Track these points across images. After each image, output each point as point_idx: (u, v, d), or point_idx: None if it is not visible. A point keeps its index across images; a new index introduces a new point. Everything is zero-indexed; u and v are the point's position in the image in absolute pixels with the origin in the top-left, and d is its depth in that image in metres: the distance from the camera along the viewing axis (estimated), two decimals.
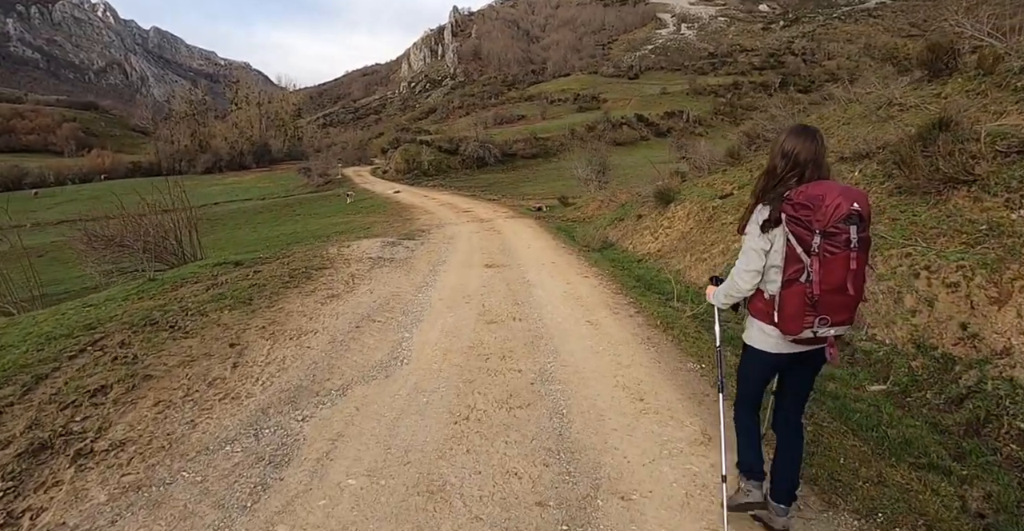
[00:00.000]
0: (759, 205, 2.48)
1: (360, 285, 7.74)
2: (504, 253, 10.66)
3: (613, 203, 18.41)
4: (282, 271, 8.68)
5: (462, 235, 13.94)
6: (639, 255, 11.22)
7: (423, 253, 10.88)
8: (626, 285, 7.54)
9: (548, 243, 12.38)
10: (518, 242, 12.48)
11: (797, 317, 2.33)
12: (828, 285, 2.25)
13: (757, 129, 13.76)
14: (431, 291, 7.36)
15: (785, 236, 2.34)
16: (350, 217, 23.01)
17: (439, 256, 10.46)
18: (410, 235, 14.06)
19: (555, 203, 23.64)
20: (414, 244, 12.24)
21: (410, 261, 9.87)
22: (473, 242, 12.56)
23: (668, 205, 12.70)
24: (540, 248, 11.50)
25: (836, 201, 2.21)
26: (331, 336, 5.40)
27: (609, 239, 13.69)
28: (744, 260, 2.49)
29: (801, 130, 2.47)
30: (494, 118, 65.34)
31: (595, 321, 5.84)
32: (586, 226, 17.07)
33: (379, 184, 38.30)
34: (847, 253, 2.23)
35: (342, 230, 18.70)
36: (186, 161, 67.09)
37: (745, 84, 74.76)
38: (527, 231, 14.73)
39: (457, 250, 11.24)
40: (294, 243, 16.48)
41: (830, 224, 2.21)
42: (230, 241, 20.96)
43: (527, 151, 46.28)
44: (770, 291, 2.45)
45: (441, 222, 18.06)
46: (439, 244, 12.23)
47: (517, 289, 7.37)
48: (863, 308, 4.65)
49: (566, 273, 8.56)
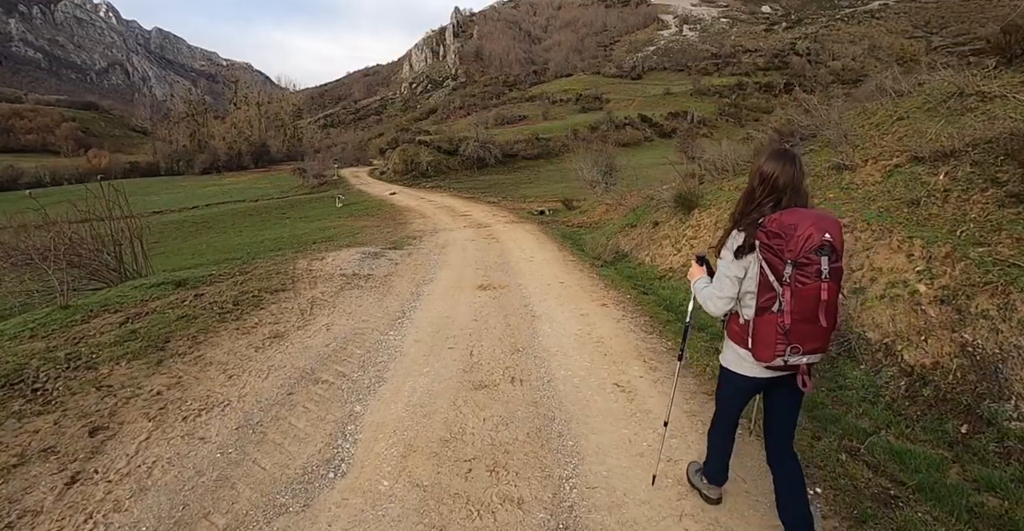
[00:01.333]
0: (734, 231, 2.40)
1: (317, 317, 5.99)
2: (503, 268, 8.92)
3: (622, 207, 16.63)
4: (228, 295, 6.95)
5: (456, 244, 12.21)
6: (660, 270, 9.47)
7: (408, 268, 9.14)
8: (658, 318, 5.78)
9: (553, 254, 10.63)
10: (519, 253, 10.73)
11: (769, 345, 2.26)
12: (799, 315, 2.18)
13: (790, 126, 11.97)
14: (407, 327, 5.61)
15: (759, 264, 2.27)
16: (340, 221, 21.41)
17: (426, 273, 8.71)
18: (398, 244, 12.34)
19: (558, 206, 21.91)
20: (400, 255, 10.50)
21: (390, 280, 8.12)
22: (468, 253, 10.82)
23: (691, 212, 10.95)
24: (544, 261, 9.75)
25: (808, 231, 2.13)
26: (245, 413, 3.64)
27: (622, 249, 11.95)
28: (717, 286, 2.44)
29: (781, 154, 2.34)
30: (495, 118, 63.55)
31: (627, 384, 4.09)
32: (594, 233, 15.36)
33: (376, 185, 36.63)
34: (818, 284, 2.13)
35: (329, 235, 17.14)
36: (184, 161, 66.04)
37: (750, 85, 73.00)
38: (529, 239, 12.99)
39: (448, 264, 9.50)
40: (275, 250, 14.97)
41: (801, 254, 2.13)
42: (210, 247, 19.31)
43: (529, 152, 44.54)
44: (745, 316, 2.38)
45: (435, 228, 16.37)
46: (428, 256, 10.50)
47: (517, 324, 5.62)
48: None
49: (578, 298, 6.81)
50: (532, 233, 14.25)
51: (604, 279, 8.09)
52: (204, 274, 8.48)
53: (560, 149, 47.31)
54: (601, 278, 8.17)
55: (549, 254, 10.65)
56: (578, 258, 10.30)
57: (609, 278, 8.17)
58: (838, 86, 76.88)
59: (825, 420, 4.10)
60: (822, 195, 7.78)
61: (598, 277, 8.27)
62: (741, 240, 2.33)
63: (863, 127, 9.56)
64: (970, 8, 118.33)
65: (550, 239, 13.08)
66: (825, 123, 10.43)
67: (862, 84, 73.39)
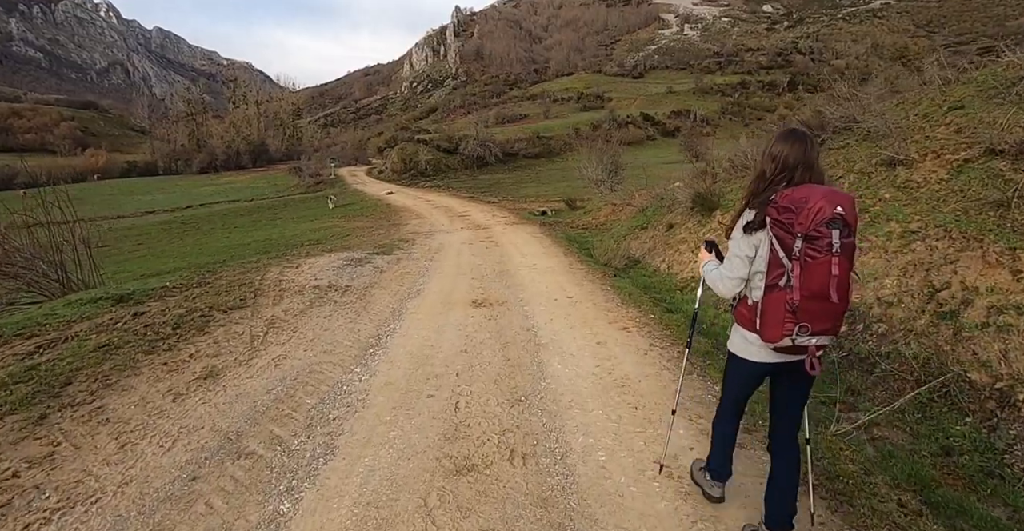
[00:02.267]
0: (745, 210, 2.34)
1: (269, 347, 4.77)
2: (501, 279, 7.70)
3: (630, 208, 15.41)
4: (173, 314, 5.74)
5: (451, 248, 10.99)
6: (681, 280, 8.25)
7: (393, 277, 7.93)
8: (696, 350, 4.55)
9: (558, 261, 9.40)
10: (520, 259, 9.51)
11: (777, 324, 2.17)
12: (809, 291, 2.09)
13: (820, 118, 10.71)
14: (379, 361, 4.39)
15: (770, 240, 2.19)
16: (333, 222, 20.25)
17: (413, 283, 7.50)
18: (388, 247, 11.13)
19: (561, 206, 20.69)
20: (387, 262, 9.28)
21: (370, 293, 6.90)
22: (463, 259, 9.60)
23: (712, 213, 9.75)
24: (548, 269, 8.53)
25: (819, 204, 2.06)
26: (115, 519, 2.44)
27: (633, 254, 10.74)
28: (727, 266, 2.38)
29: (788, 134, 2.34)
30: (496, 117, 62.29)
31: (674, 462, 2.87)
32: (601, 235, 14.16)
33: (373, 185, 35.41)
34: (829, 258, 2.05)
35: (318, 237, 16.01)
36: (183, 161, 65.06)
37: (752, 83, 71.71)
38: (531, 242, 11.77)
39: (440, 272, 8.29)
40: (261, 252, 13.89)
41: (812, 227, 2.06)
42: (194, 249, 18.18)
43: (529, 150, 43.30)
44: (754, 297, 2.31)
45: (431, 229, 15.17)
46: (419, 262, 9.29)
47: (519, 358, 4.39)
48: None
49: (591, 318, 5.59)
50: (534, 236, 13.03)
51: (619, 292, 6.86)
52: (155, 287, 7.27)
53: (562, 148, 46.09)
54: (616, 291, 6.94)
55: (553, 260, 9.42)
56: (587, 265, 9.07)
57: (624, 291, 6.94)
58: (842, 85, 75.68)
59: (948, 508, 2.88)
60: (873, 195, 6.55)
61: (612, 290, 7.04)
62: (752, 216, 2.27)
63: (908, 118, 8.28)
64: (971, 7, 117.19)
65: (554, 242, 11.86)
66: (862, 113, 9.16)
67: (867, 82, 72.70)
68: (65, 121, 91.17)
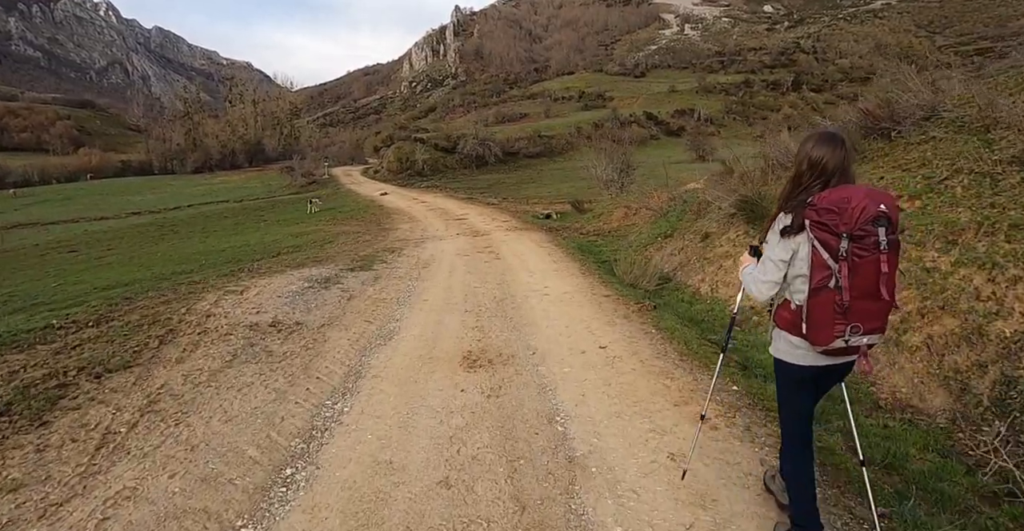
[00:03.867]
0: (781, 214, 2.24)
1: (119, 463, 2.78)
2: (504, 311, 5.72)
3: (647, 212, 13.39)
4: (21, 381, 3.76)
5: (443, 262, 9.01)
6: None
7: (362, 308, 5.95)
8: (840, 467, 2.57)
9: (575, 282, 7.40)
10: (527, 279, 7.53)
11: (827, 326, 2.08)
12: (859, 290, 2.03)
13: (888, 108, 8.67)
14: (291, 508, 2.42)
15: (810, 243, 2.10)
16: (318, 226, 18.32)
17: (385, 319, 5.51)
18: (368, 260, 9.15)
19: (567, 209, 18.70)
20: (361, 282, 7.29)
21: (323, 337, 4.91)
22: (456, 279, 7.60)
23: (761, 222, 7.71)
24: (566, 296, 6.53)
25: (862, 203, 1.99)
26: None
27: (662, 270, 8.77)
28: (761, 269, 2.29)
29: (829, 137, 2.22)
30: (495, 116, 60.19)
31: None
32: (617, 244, 12.17)
33: (368, 185, 33.44)
34: (877, 255, 2.00)
35: (298, 244, 14.08)
36: (178, 160, 63.23)
37: (756, 82, 69.70)
38: (538, 254, 9.77)
39: (424, 301, 6.30)
40: (232, 261, 12.16)
41: (857, 227, 1.99)
42: (164, 256, 16.20)
43: (530, 150, 41.25)
44: (797, 301, 2.20)
45: (423, 235, 13.22)
46: (400, 283, 7.30)
47: (540, 503, 2.42)
48: None
49: (646, 395, 3.61)
50: (540, 245, 11.04)
51: (670, 338, 4.84)
52: (38, 325, 5.27)
53: (563, 147, 44.11)
54: (664, 336, 4.92)
55: (569, 281, 7.42)
56: (612, 288, 7.05)
57: (676, 336, 4.91)
58: (847, 84, 73.75)
59: None
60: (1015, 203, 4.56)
61: (657, 333, 5.02)
62: (788, 221, 2.17)
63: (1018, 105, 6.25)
64: (972, 7, 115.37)
65: (565, 254, 9.85)
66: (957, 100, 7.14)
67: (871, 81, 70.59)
68: (61, 120, 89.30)
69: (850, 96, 61.94)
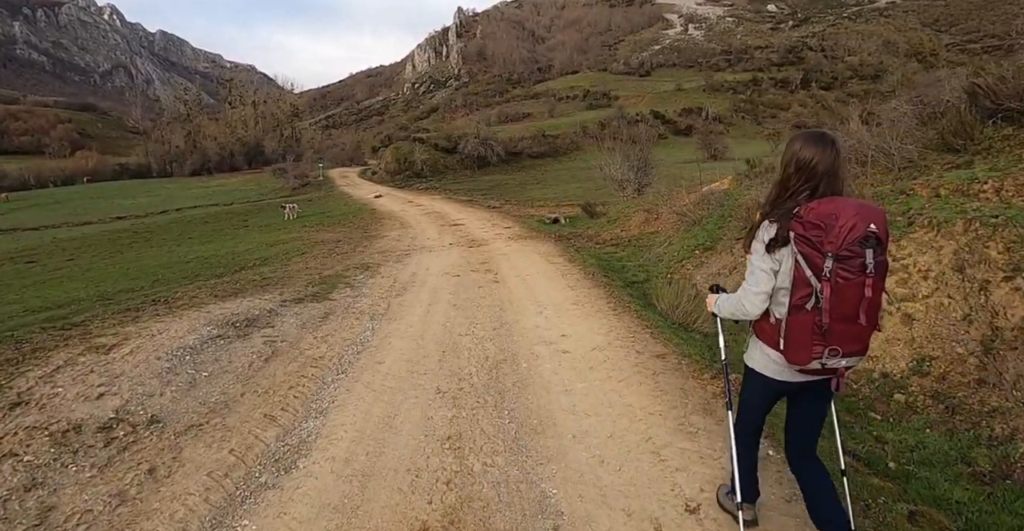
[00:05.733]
0: (765, 221, 2.04)
1: None
2: (499, 398, 3.61)
3: (673, 217, 11.19)
4: None
5: (424, 288, 6.89)
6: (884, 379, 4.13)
7: (273, 386, 3.86)
8: None
9: (606, 326, 5.25)
10: (536, 319, 5.41)
11: (804, 347, 1.91)
12: (839, 313, 1.84)
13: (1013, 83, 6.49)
14: None
15: (793, 257, 1.91)
16: (298, 232, 16.40)
17: (299, 414, 3.42)
18: (329, 284, 7.06)
19: (576, 213, 16.56)
20: (299, 326, 5.19)
21: (169, 461, 2.83)
22: (433, 321, 5.48)
23: None
24: (597, 357, 4.40)
25: (851, 221, 1.81)
26: None
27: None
28: (752, 280, 2.04)
29: (818, 137, 1.99)
30: (498, 116, 58.05)
31: None
32: (641, 255, 10.06)
33: (363, 187, 31.43)
34: (862, 279, 1.81)
35: (267, 255, 12.14)
36: (176, 163, 61.46)
37: (764, 80, 67.41)
38: (548, 275, 7.64)
39: (374, 371, 4.19)
40: (191, 276, 10.21)
41: (844, 247, 1.81)
42: (123, 268, 14.43)
43: (534, 150, 39.11)
44: (777, 314, 2.02)
45: (410, 246, 11.16)
46: (357, 324, 5.20)
47: None
48: None
49: None
50: (551, 260, 8.91)
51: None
52: None
53: (568, 147, 42.00)
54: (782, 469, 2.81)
55: (597, 324, 5.27)
56: (662, 339, 4.86)
57: None
58: (857, 81, 71.33)
59: None
60: None
61: (779, 452, 2.92)
62: (773, 232, 1.97)
63: None
64: (978, 5, 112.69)
65: (583, 273, 7.71)
66: None
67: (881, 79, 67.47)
68: (62, 123, 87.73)
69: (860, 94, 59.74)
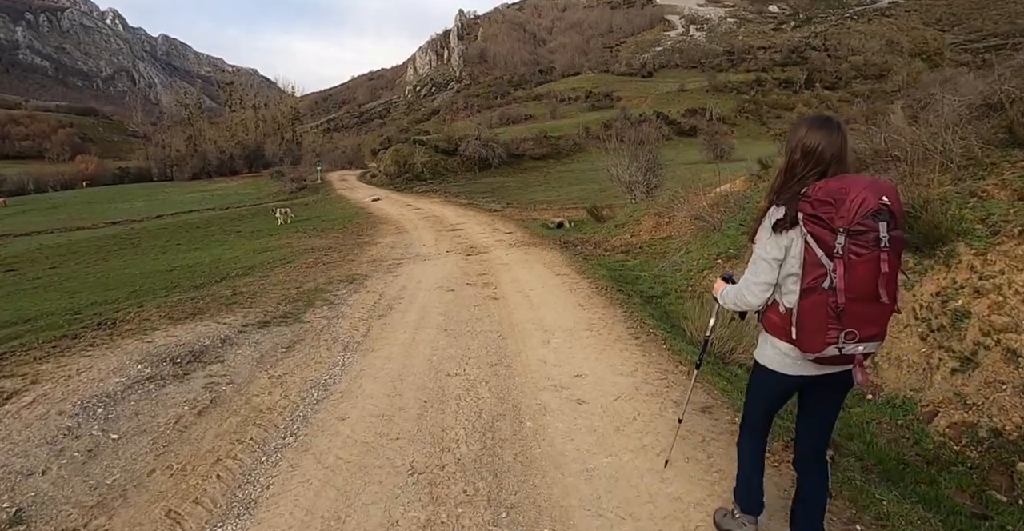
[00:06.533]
0: (772, 207, 1.94)
1: None
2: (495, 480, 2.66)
3: (689, 220, 10.15)
4: None
5: (412, 307, 5.91)
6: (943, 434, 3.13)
7: (195, 459, 2.91)
8: None
9: (629, 362, 4.27)
10: (543, 351, 4.43)
11: (818, 331, 1.81)
12: (855, 292, 1.74)
13: None
14: None
15: (803, 238, 1.82)
16: (289, 238, 15.53)
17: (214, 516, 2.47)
18: (303, 303, 6.09)
19: (581, 216, 15.60)
20: (254, 360, 4.24)
21: None
22: (418, 355, 4.51)
23: (937, 249, 4.64)
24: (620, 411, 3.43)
25: (861, 195, 1.72)
26: None
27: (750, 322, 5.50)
28: (753, 270, 1.97)
29: (823, 121, 1.92)
30: (500, 118, 57.05)
31: None
32: (655, 263, 9.10)
33: (361, 190, 30.50)
34: (877, 253, 1.72)
35: (250, 264, 11.30)
36: (177, 167, 60.78)
37: (768, 80, 66.37)
38: (555, 291, 6.64)
39: (332, 434, 3.24)
40: (169, 288, 9.42)
41: (856, 221, 1.72)
42: (104, 277, 13.67)
43: (536, 151, 38.15)
44: (787, 303, 1.91)
45: (403, 254, 10.21)
46: (322, 362, 4.24)
47: None
48: None
49: None
50: (557, 271, 7.92)
51: None
52: None
53: (571, 148, 41.05)
54: None
55: (617, 358, 4.28)
56: (705, 383, 3.87)
57: None
58: (861, 81, 70.19)
59: None
60: None
61: None
62: (781, 213, 1.88)
63: None
64: (981, 5, 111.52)
65: (594, 288, 6.71)
66: None
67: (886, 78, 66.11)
68: (63, 128, 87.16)
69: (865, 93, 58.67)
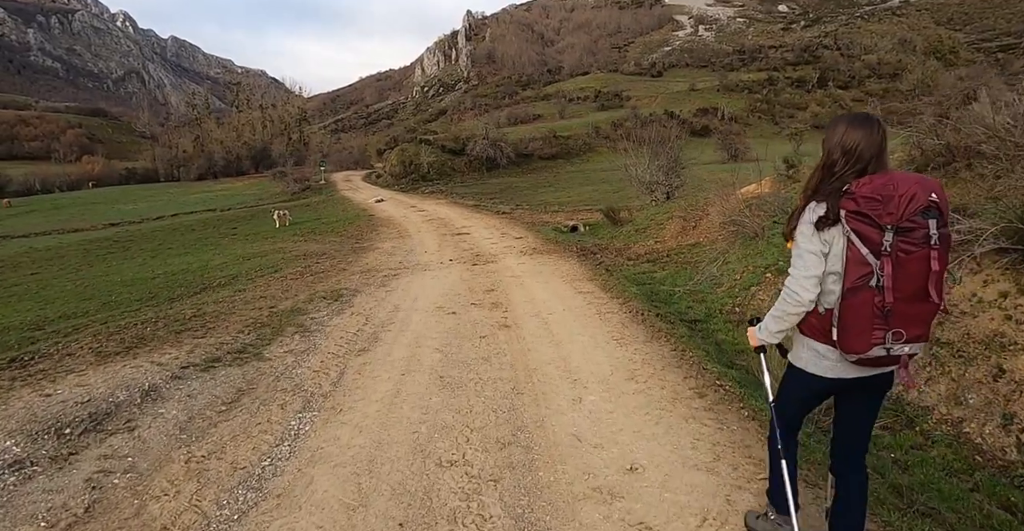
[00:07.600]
0: (811, 203, 1.84)
1: None
2: None
3: (725, 225, 8.89)
4: None
5: (403, 337, 4.76)
6: None
7: None
8: None
9: (695, 429, 3.11)
10: (574, 416, 3.27)
11: (864, 332, 1.71)
12: (903, 291, 1.67)
13: None
14: None
15: (845, 236, 1.74)
16: (284, 243, 14.49)
17: None
18: (272, 330, 4.97)
19: (596, 219, 14.40)
20: (173, 433, 3.11)
21: None
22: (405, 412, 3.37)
23: None
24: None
25: (911, 190, 1.65)
26: None
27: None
28: (800, 264, 1.83)
29: (863, 119, 1.84)
30: (508, 118, 55.91)
31: None
32: (688, 275, 7.88)
33: (365, 191, 29.47)
34: (927, 251, 1.66)
35: (235, 273, 10.21)
36: (183, 167, 60.16)
37: (780, 80, 64.85)
38: (580, 316, 5.46)
39: None
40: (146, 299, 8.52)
41: (905, 218, 1.64)
42: (81, 285, 12.61)
43: (546, 151, 36.96)
44: (826, 304, 1.83)
45: (402, 263, 9.08)
46: (267, 433, 3.11)
47: None
48: None
49: None
50: (579, 288, 6.73)
51: None
52: None
53: (581, 148, 39.85)
54: None
55: (684, 431, 3.10)
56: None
57: None
58: (875, 80, 68.53)
59: None
60: None
61: None
62: (823, 211, 1.78)
63: None
64: (994, 3, 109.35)
65: (626, 312, 5.52)
66: None
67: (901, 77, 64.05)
68: (72, 128, 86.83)
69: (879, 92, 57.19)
